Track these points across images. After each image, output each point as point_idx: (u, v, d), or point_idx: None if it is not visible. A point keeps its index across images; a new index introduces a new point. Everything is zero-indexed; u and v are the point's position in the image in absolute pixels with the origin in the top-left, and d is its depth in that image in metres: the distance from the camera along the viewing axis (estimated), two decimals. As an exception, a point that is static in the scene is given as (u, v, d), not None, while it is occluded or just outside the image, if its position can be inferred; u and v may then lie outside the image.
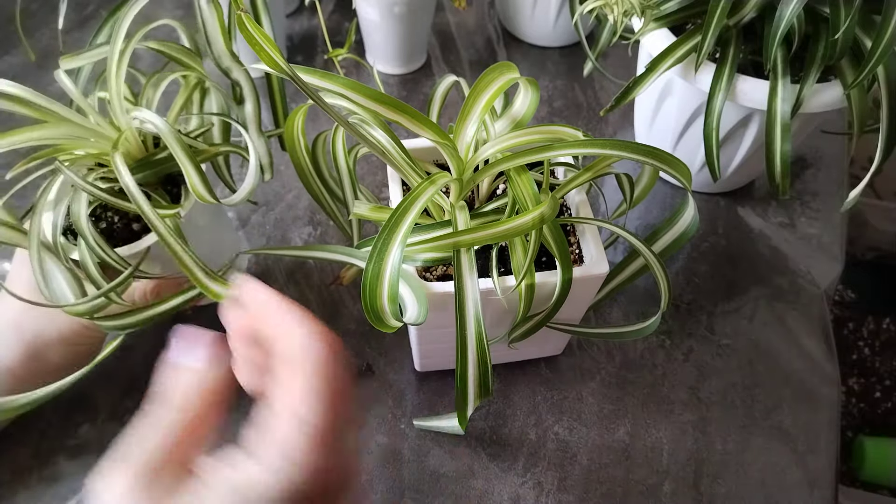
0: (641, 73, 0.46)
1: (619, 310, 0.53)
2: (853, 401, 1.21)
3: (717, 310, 0.53)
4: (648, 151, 0.33)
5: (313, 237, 0.57)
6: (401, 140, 0.37)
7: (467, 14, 0.79)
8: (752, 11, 0.44)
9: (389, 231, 0.31)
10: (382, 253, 0.30)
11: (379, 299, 0.30)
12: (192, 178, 0.35)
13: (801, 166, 0.64)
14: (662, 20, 0.48)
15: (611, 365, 0.50)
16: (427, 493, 0.44)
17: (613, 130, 0.67)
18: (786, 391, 0.49)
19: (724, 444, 0.46)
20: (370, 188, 0.61)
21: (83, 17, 0.75)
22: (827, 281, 0.55)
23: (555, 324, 0.41)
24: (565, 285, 0.34)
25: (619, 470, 0.45)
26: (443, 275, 0.39)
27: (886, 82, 0.42)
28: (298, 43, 0.74)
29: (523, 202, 0.33)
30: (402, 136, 0.38)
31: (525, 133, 0.36)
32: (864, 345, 1.28)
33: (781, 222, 0.59)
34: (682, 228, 0.40)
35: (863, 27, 0.43)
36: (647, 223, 0.59)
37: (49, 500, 0.42)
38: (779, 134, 0.44)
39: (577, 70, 0.72)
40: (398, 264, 0.30)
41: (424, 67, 0.72)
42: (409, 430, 0.46)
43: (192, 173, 0.35)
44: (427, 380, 0.49)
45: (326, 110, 0.28)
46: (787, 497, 0.44)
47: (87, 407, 0.46)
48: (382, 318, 0.30)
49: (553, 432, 0.47)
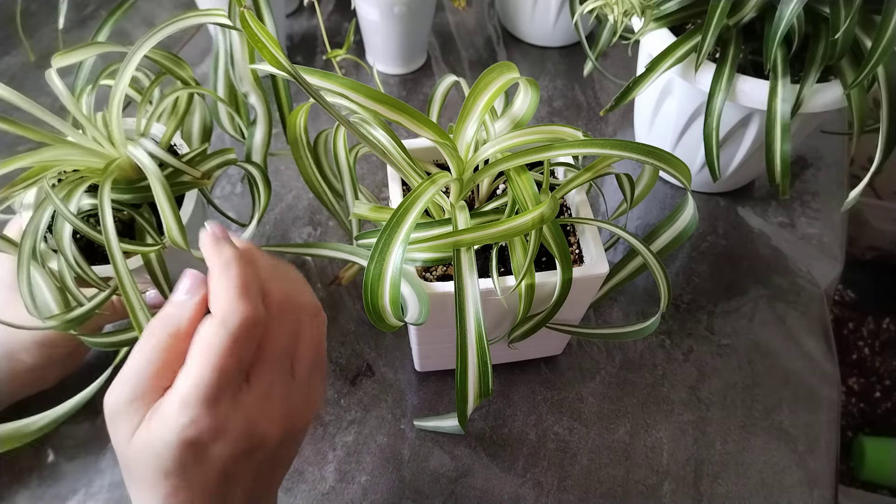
0: (641, 73, 0.46)
1: (619, 310, 0.53)
2: (853, 401, 1.21)
3: (717, 310, 0.53)
4: (648, 151, 0.33)
5: (313, 237, 0.57)
6: (401, 140, 0.37)
7: (467, 14, 0.79)
8: (752, 11, 0.44)
9: (391, 231, 0.31)
10: (384, 253, 0.30)
11: (380, 299, 0.30)
12: (168, 223, 0.34)
13: (801, 166, 0.64)
14: (662, 20, 0.48)
15: (611, 365, 0.50)
16: (427, 493, 0.44)
17: (613, 130, 0.67)
18: (786, 391, 0.49)
19: (723, 444, 0.46)
20: (370, 188, 0.61)
21: (83, 16, 0.75)
22: (827, 281, 0.55)
23: (555, 324, 0.41)
24: (565, 285, 0.34)
25: (619, 470, 0.45)
26: (443, 275, 0.39)
27: (886, 82, 0.42)
28: (298, 43, 0.74)
29: (523, 202, 0.33)
30: (403, 135, 0.38)
31: (525, 133, 0.36)
32: (864, 345, 1.28)
33: (781, 222, 0.59)
34: (681, 227, 0.40)
35: (863, 27, 0.43)
36: (647, 223, 0.59)
37: (49, 500, 0.42)
38: (779, 134, 0.44)
39: (577, 70, 0.72)
40: (400, 264, 0.30)
41: (424, 67, 0.72)
42: (409, 430, 0.46)
43: (170, 217, 0.34)
44: (427, 380, 0.49)
45: (328, 110, 0.28)
46: (787, 497, 0.44)
47: (87, 407, 0.46)
48: (384, 317, 0.30)
49: (553, 432, 0.47)
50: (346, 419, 0.47)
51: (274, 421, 0.29)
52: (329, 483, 0.44)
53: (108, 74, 0.40)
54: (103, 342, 0.36)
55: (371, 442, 0.46)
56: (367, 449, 0.45)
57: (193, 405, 0.26)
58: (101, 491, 0.43)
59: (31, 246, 0.34)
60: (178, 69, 0.41)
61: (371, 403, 0.47)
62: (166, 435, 0.25)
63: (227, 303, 0.27)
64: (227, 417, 0.27)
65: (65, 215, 0.33)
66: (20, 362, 0.39)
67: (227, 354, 0.26)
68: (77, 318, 0.34)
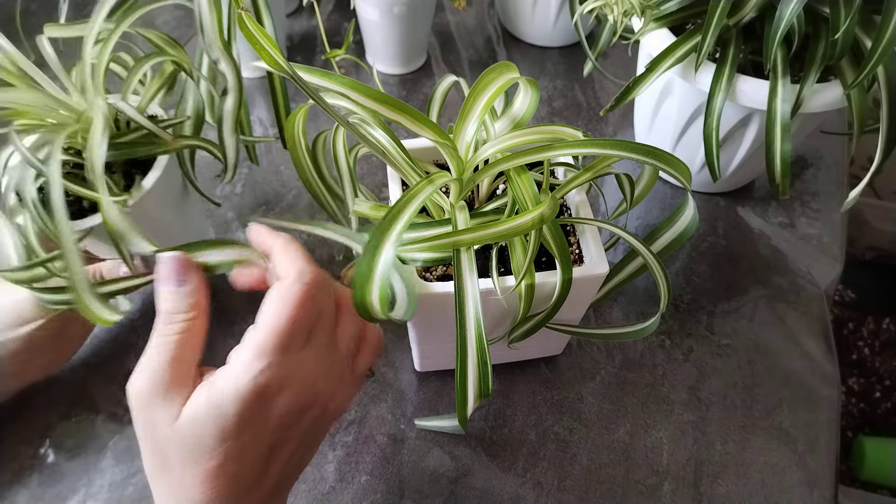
0: (641, 73, 0.46)
1: (619, 310, 0.53)
2: (853, 401, 1.21)
3: (717, 310, 0.53)
4: (648, 151, 0.33)
5: (313, 237, 0.57)
6: (401, 140, 0.37)
7: (467, 14, 0.79)
8: (752, 11, 0.44)
9: (384, 228, 0.30)
10: (375, 249, 0.30)
11: (368, 295, 0.30)
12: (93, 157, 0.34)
13: (801, 166, 0.64)
14: (662, 20, 0.48)
15: (611, 365, 0.50)
16: (427, 493, 0.44)
17: (613, 130, 0.67)
18: (786, 391, 0.49)
19: (723, 444, 0.46)
20: (370, 188, 0.61)
21: (83, 17, 0.75)
22: (827, 281, 0.55)
23: (555, 324, 0.41)
24: (565, 285, 0.34)
25: (619, 470, 0.45)
26: (443, 275, 0.39)
27: (886, 82, 0.42)
28: (298, 43, 0.74)
29: (523, 202, 0.33)
30: (402, 136, 0.38)
31: (525, 133, 0.36)
32: (864, 345, 1.28)
33: (781, 222, 0.59)
34: (681, 228, 0.40)
35: (863, 27, 0.43)
36: (647, 223, 0.59)
37: (49, 500, 0.42)
38: (779, 134, 0.44)
39: (577, 70, 0.72)
40: (390, 261, 0.30)
41: (424, 67, 0.72)
42: (409, 430, 0.46)
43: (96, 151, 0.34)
44: (427, 380, 0.49)
45: (327, 110, 0.28)
46: (787, 497, 0.44)
47: (87, 407, 0.46)
48: (370, 312, 0.30)
49: (553, 432, 0.47)
50: (346, 419, 0.47)
51: (327, 383, 0.31)
52: (329, 483, 0.44)
53: None
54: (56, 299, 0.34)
55: (371, 442, 0.46)
56: (367, 449, 0.45)
57: (270, 351, 0.27)
58: (101, 491, 0.43)
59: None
60: (171, 49, 0.41)
61: (371, 403, 0.47)
62: (239, 382, 0.27)
63: (301, 263, 0.30)
64: (294, 368, 0.28)
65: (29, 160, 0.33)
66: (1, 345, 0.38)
67: (301, 306, 0.28)
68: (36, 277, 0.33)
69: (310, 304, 0.29)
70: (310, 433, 0.32)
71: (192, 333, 0.29)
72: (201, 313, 0.30)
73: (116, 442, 0.45)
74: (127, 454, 0.44)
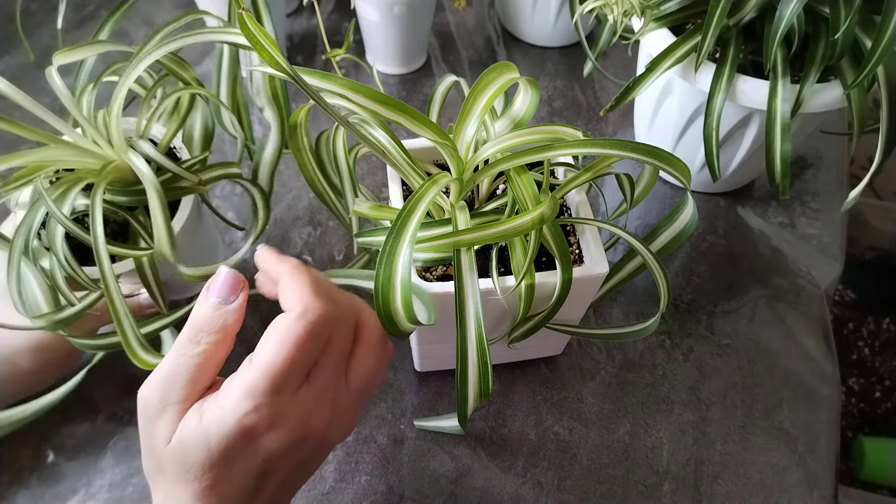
0: (641, 73, 0.46)
1: (619, 310, 0.53)
2: (853, 401, 1.21)
3: (717, 310, 0.53)
4: (648, 151, 0.33)
5: (313, 237, 0.57)
6: (401, 140, 0.37)
7: (467, 14, 0.79)
8: (752, 11, 0.44)
9: (397, 233, 0.30)
10: (392, 255, 0.30)
11: (392, 303, 0.29)
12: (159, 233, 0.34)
13: (801, 166, 0.64)
14: (662, 20, 0.48)
15: (611, 365, 0.50)
16: (427, 493, 0.44)
17: (613, 130, 0.67)
18: (786, 391, 0.49)
19: (723, 444, 0.46)
20: (370, 188, 0.61)
21: (82, 16, 0.75)
22: (827, 281, 0.55)
23: (555, 324, 0.41)
24: (565, 285, 0.34)
25: (619, 470, 0.45)
26: (443, 275, 0.39)
27: (886, 82, 0.42)
28: (298, 43, 0.74)
29: (523, 202, 0.33)
30: (402, 136, 0.37)
31: (525, 133, 0.36)
32: (864, 345, 1.28)
33: (781, 222, 0.59)
34: (680, 227, 0.40)
35: (863, 27, 0.43)
36: (647, 223, 0.59)
37: (49, 500, 0.42)
38: (779, 134, 0.44)
39: (577, 70, 0.72)
40: (409, 265, 0.30)
41: (424, 67, 0.72)
42: (409, 430, 0.46)
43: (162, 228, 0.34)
44: (427, 380, 0.49)
45: (327, 110, 0.28)
46: (787, 497, 0.44)
47: (87, 407, 0.46)
48: (396, 322, 0.30)
49: (553, 432, 0.47)
50: (346, 419, 0.47)
51: (323, 421, 0.29)
52: (329, 483, 0.44)
53: (111, 72, 0.40)
54: (92, 344, 0.36)
55: (371, 442, 0.46)
56: (367, 449, 0.45)
57: (260, 393, 0.26)
58: (101, 491, 0.43)
59: (22, 243, 0.33)
60: (181, 70, 0.41)
61: (371, 403, 0.47)
62: (225, 421, 0.26)
63: (306, 298, 0.28)
64: (286, 409, 0.27)
65: (55, 214, 0.33)
66: (17, 366, 0.39)
67: (302, 346, 0.27)
68: (66, 319, 0.34)
69: (310, 344, 0.27)
70: (305, 462, 0.31)
71: (213, 358, 0.28)
72: (227, 338, 0.29)
73: (116, 442, 0.45)
74: (127, 454, 0.44)
